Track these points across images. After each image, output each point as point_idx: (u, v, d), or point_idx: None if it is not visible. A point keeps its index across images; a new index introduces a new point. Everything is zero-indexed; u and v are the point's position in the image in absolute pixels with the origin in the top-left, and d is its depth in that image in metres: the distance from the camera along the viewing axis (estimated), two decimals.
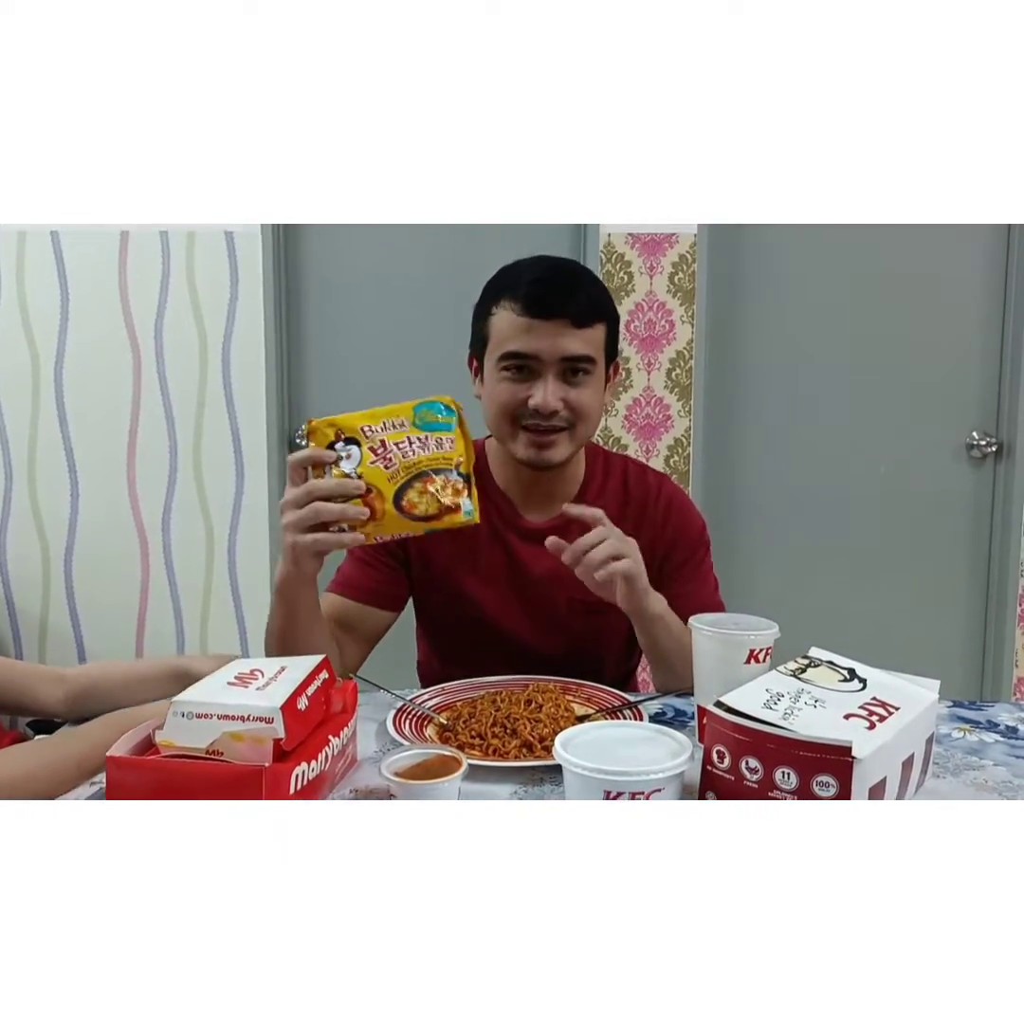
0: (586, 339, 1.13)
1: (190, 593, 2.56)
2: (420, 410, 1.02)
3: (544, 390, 1.12)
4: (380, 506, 1.01)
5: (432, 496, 1.01)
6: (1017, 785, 0.93)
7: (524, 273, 1.14)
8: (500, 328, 1.14)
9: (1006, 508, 2.53)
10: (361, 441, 1.01)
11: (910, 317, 2.52)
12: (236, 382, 2.48)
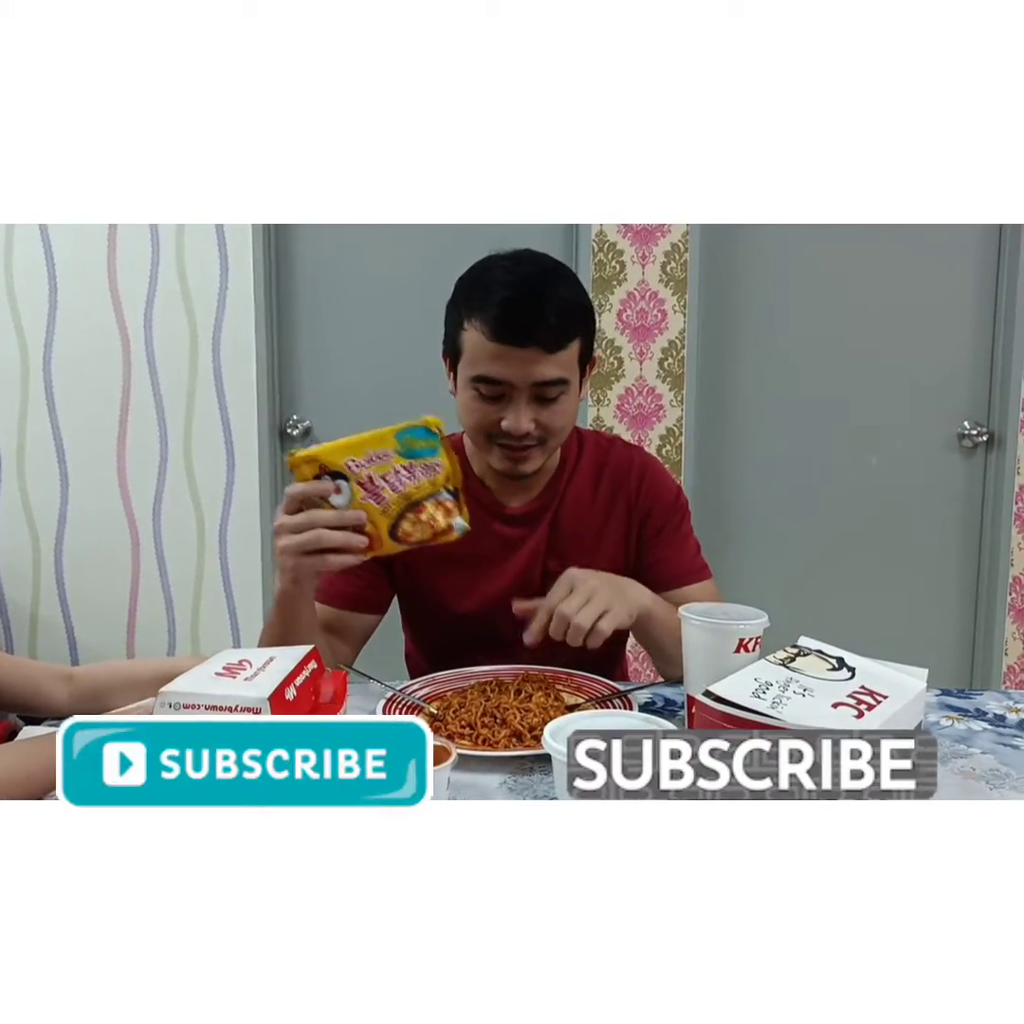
0: (559, 362, 1.10)
1: (181, 584, 2.55)
2: (402, 438, 1.01)
3: (516, 415, 1.11)
4: (377, 539, 1.02)
5: (425, 524, 1.02)
6: (1004, 773, 0.93)
7: (494, 289, 1.09)
8: (471, 348, 1.11)
9: (996, 497, 2.53)
10: (348, 476, 1.00)
11: (902, 308, 2.52)
12: (227, 372, 2.47)
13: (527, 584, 1.27)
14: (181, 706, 0.80)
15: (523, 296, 1.09)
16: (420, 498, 1.02)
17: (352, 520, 1.00)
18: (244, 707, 0.79)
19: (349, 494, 1.00)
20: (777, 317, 2.54)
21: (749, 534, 2.59)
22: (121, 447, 2.50)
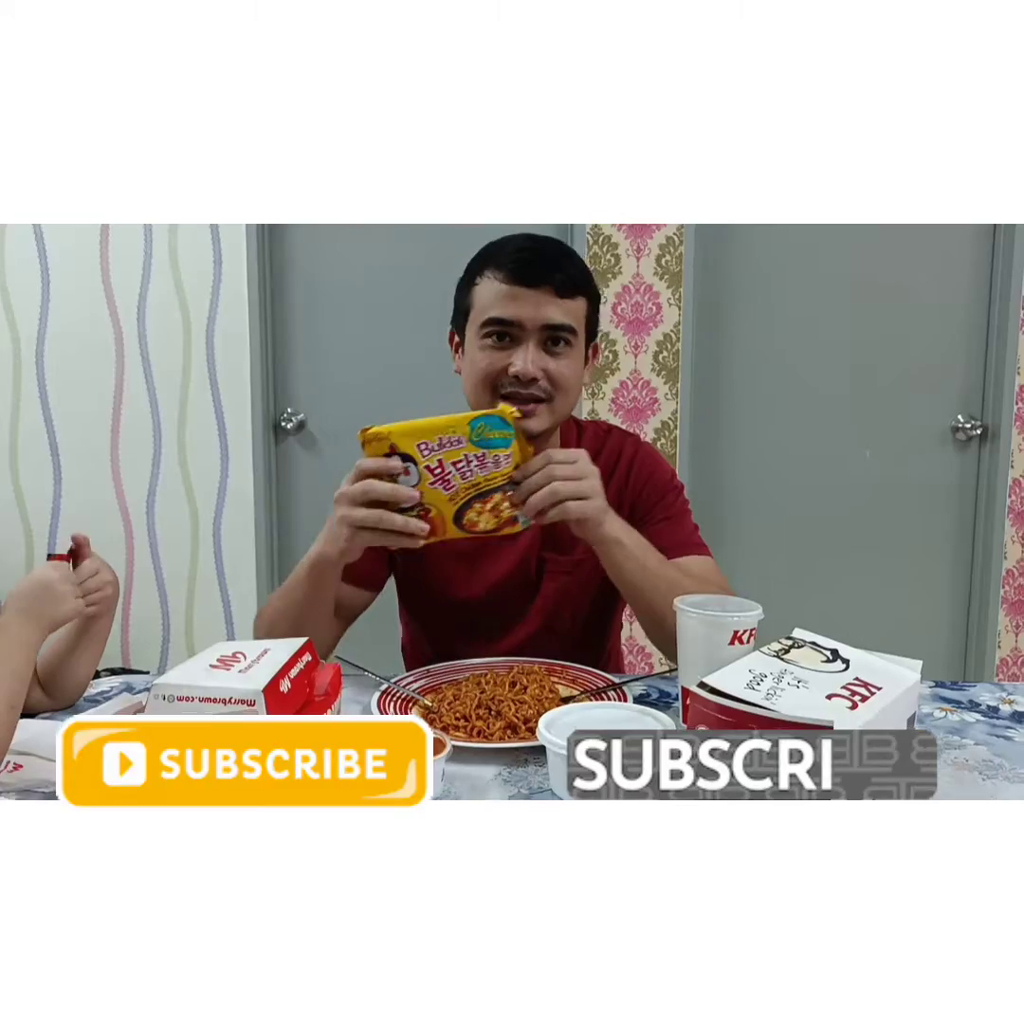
0: (568, 309, 1.14)
1: (175, 577, 2.55)
2: (477, 425, 0.99)
3: (525, 357, 1.12)
4: (441, 525, 1.02)
5: (490, 514, 1.02)
6: (997, 764, 0.94)
7: (509, 244, 1.16)
8: (483, 296, 1.15)
9: (990, 491, 2.54)
10: (417, 460, 0.99)
11: (897, 301, 2.52)
12: (220, 365, 2.46)
13: (523, 572, 1.28)
14: (175, 698, 0.80)
15: (538, 248, 1.16)
16: (488, 488, 1.01)
17: (405, 496, 0.99)
18: (238, 699, 0.79)
19: (417, 477, 0.99)
20: (772, 311, 2.54)
21: (744, 527, 2.59)
22: (114, 440, 2.49)
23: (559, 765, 0.86)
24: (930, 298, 2.52)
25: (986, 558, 2.57)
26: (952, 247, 2.49)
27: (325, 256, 2.48)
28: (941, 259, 2.50)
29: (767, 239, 2.49)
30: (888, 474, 2.57)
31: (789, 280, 2.53)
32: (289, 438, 2.55)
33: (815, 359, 2.55)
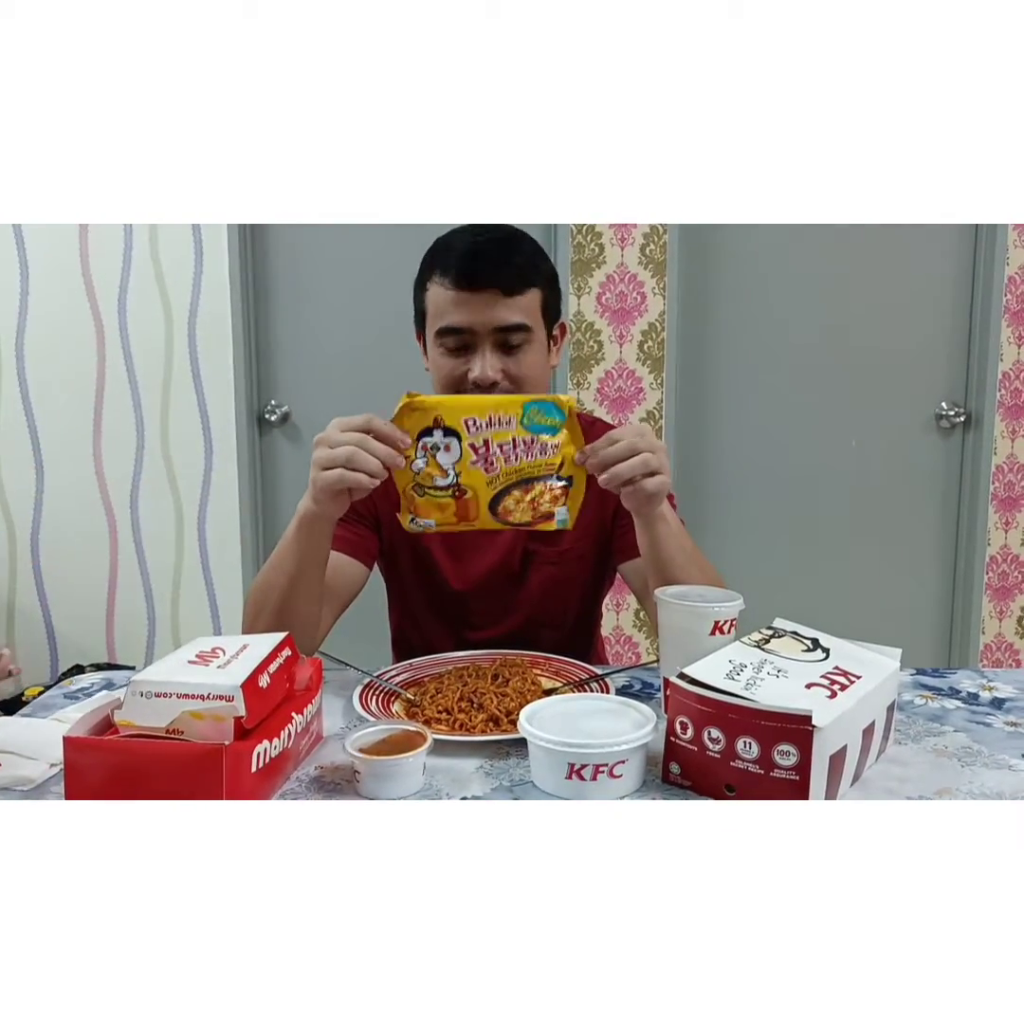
0: (519, 307, 1.13)
1: (160, 571, 2.54)
2: (530, 408, 0.96)
3: (482, 363, 1.12)
4: (474, 510, 0.98)
5: (529, 504, 0.99)
6: (976, 751, 0.94)
7: (454, 246, 1.15)
8: (434, 303, 1.15)
9: (974, 478, 2.55)
10: (462, 435, 0.95)
11: (881, 290, 2.52)
12: (203, 357, 2.44)
13: (508, 564, 1.28)
14: (153, 694, 0.79)
15: (480, 247, 1.14)
16: (531, 476, 0.97)
17: (389, 457, 0.95)
18: (216, 695, 0.79)
19: (459, 454, 0.96)
20: (756, 300, 2.54)
21: (728, 516, 2.60)
22: (97, 435, 2.47)
23: (540, 757, 0.86)
24: (913, 286, 2.53)
25: (970, 545, 2.58)
26: (935, 236, 2.50)
27: (308, 247, 2.46)
28: (924, 248, 2.50)
29: (751, 229, 2.48)
30: (872, 462, 2.58)
31: (773, 269, 2.52)
32: (273, 430, 2.54)
33: (799, 348, 2.55)
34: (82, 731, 0.79)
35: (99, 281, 2.40)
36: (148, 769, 0.76)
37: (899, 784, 0.88)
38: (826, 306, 2.53)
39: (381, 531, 1.29)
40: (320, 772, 0.91)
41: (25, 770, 0.88)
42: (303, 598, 1.12)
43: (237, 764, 0.78)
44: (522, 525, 1.00)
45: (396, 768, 0.84)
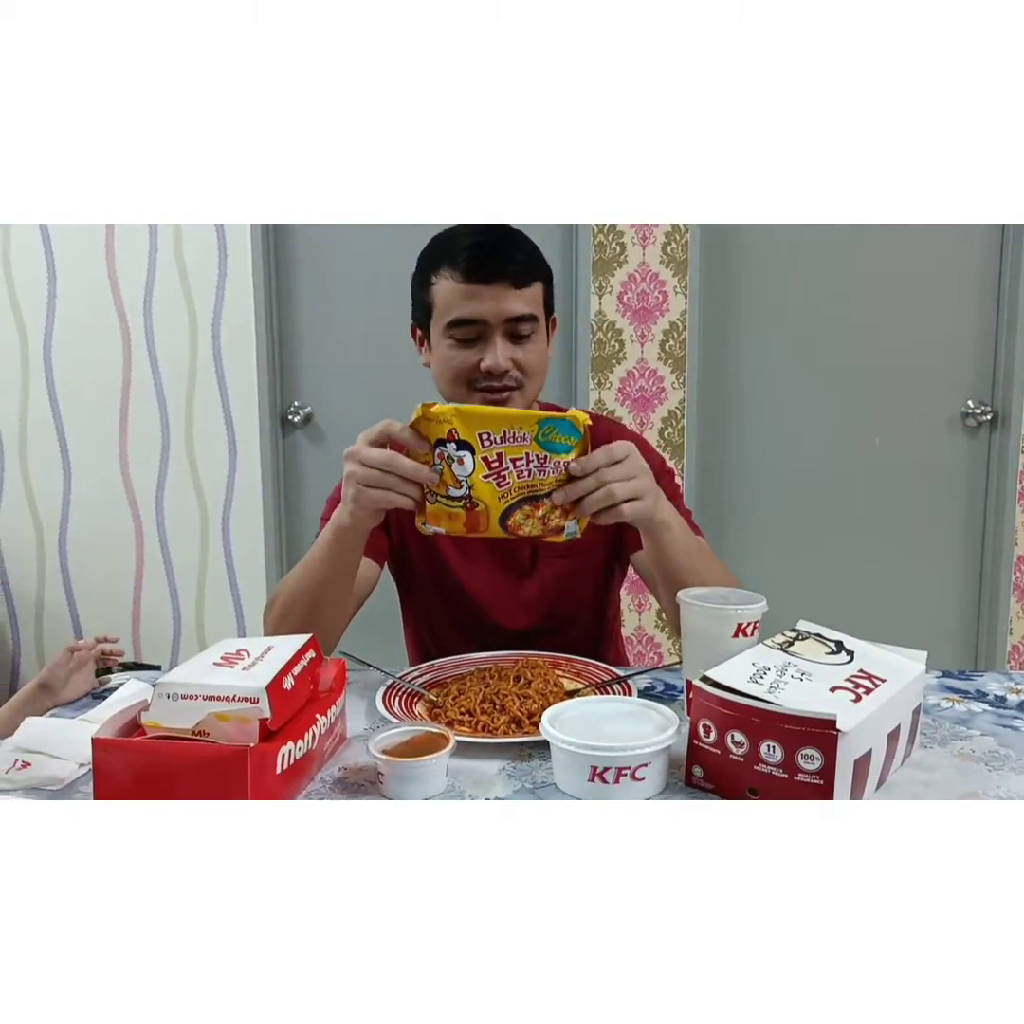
0: (527, 298, 1.17)
1: (185, 570, 2.56)
2: (545, 425, 0.95)
3: (494, 352, 1.15)
4: (484, 522, 0.98)
5: (538, 520, 0.98)
6: (1004, 755, 0.93)
7: (460, 241, 1.18)
8: (443, 296, 1.17)
9: (1000, 477, 2.52)
10: (476, 448, 0.95)
11: (906, 287, 2.49)
12: (227, 358, 2.46)
13: (517, 560, 1.30)
14: (179, 696, 0.80)
15: (488, 241, 1.17)
16: (542, 492, 0.97)
17: (425, 479, 0.97)
18: (242, 697, 0.79)
19: (472, 468, 0.96)
20: (778, 297, 2.52)
21: (752, 516, 2.58)
22: (123, 434, 2.50)
23: (562, 759, 0.86)
24: (938, 282, 2.50)
25: (997, 545, 2.55)
26: (960, 231, 2.47)
27: (331, 248, 2.48)
28: (949, 242, 2.47)
29: (772, 227, 2.46)
30: (898, 461, 2.56)
31: (795, 267, 2.50)
32: (296, 431, 2.55)
33: (823, 346, 2.53)
34: (110, 732, 0.80)
35: (125, 283, 2.43)
36: (174, 770, 0.77)
37: (924, 788, 0.87)
38: (849, 303, 2.51)
39: (390, 531, 1.30)
40: (344, 773, 0.91)
41: (54, 770, 0.89)
42: (332, 605, 1.13)
43: (262, 765, 0.78)
44: (531, 537, 1.00)
45: (420, 770, 0.84)
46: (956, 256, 2.48)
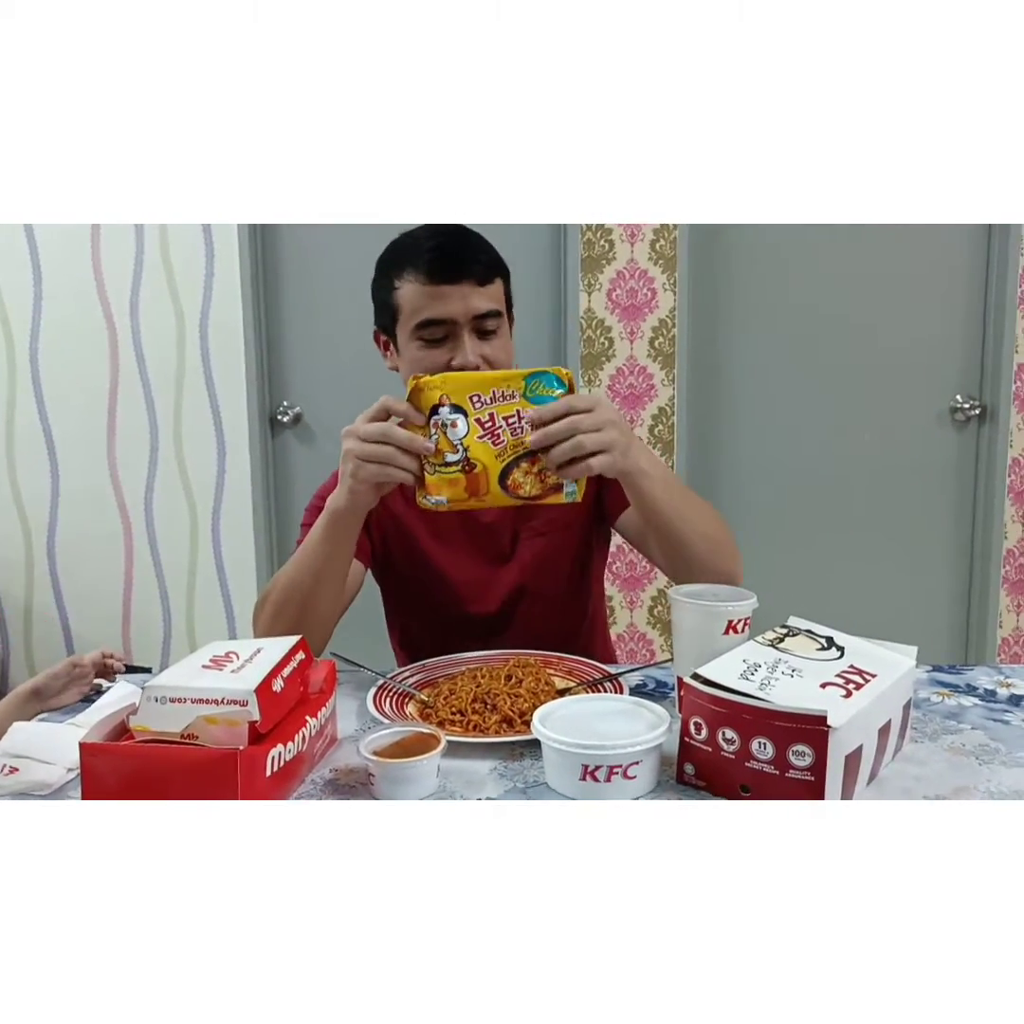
0: (491, 295, 1.19)
1: (175, 572, 2.55)
2: (531, 381, 0.99)
3: (464, 350, 1.16)
4: (484, 484, 1.00)
5: (536, 477, 1.00)
6: (994, 748, 0.93)
7: (421, 244, 1.19)
8: (409, 299, 1.18)
9: (989, 471, 2.53)
10: (468, 412, 0.98)
11: (894, 282, 2.50)
12: (215, 359, 2.45)
13: (498, 547, 1.30)
14: (167, 699, 0.80)
15: (448, 242, 1.19)
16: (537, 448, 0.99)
17: (421, 448, 0.99)
18: (231, 700, 0.79)
19: (466, 429, 0.98)
20: (767, 294, 2.52)
21: (741, 512, 2.58)
22: (111, 436, 2.49)
23: (554, 758, 0.86)
24: (926, 277, 2.50)
25: (986, 538, 2.56)
26: (948, 227, 2.47)
27: (319, 248, 2.47)
28: (937, 238, 2.48)
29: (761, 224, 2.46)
30: (887, 456, 2.56)
31: (784, 263, 2.51)
32: (286, 431, 2.55)
33: (812, 342, 2.53)
34: (98, 736, 0.79)
35: (111, 283, 2.41)
36: (163, 774, 0.76)
37: (915, 783, 0.87)
38: (838, 299, 2.51)
39: (371, 534, 1.29)
40: (335, 775, 0.91)
41: (42, 775, 0.88)
42: (326, 599, 1.13)
43: (251, 768, 0.78)
44: (532, 499, 1.01)
45: (411, 771, 0.84)
46: (943, 250, 2.49)
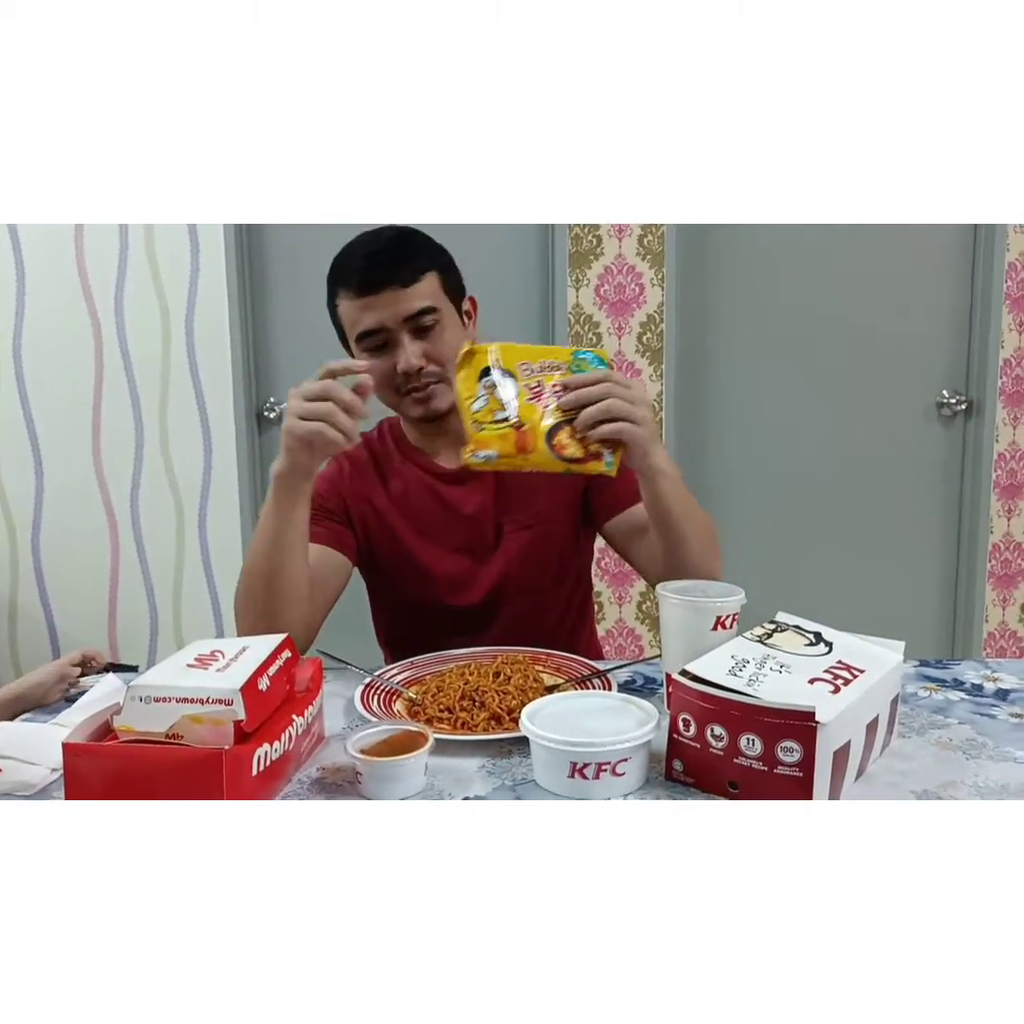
0: (420, 293, 1.20)
1: (161, 568, 2.53)
2: (578, 356, 1.04)
3: (404, 353, 1.20)
4: (532, 441, 1.02)
5: (579, 443, 1.02)
6: (981, 743, 0.94)
7: (350, 262, 1.24)
8: (346, 315, 1.26)
9: (976, 465, 2.54)
10: (517, 377, 1.03)
11: (881, 278, 2.51)
12: (201, 355, 2.44)
13: (482, 540, 1.30)
14: (152, 699, 0.79)
15: (371, 252, 1.23)
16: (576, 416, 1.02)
17: (358, 409, 1.02)
18: (216, 699, 0.78)
19: (516, 391, 1.03)
20: (755, 289, 2.52)
21: (729, 507, 2.59)
22: (96, 432, 2.47)
23: (542, 756, 0.85)
24: (913, 273, 2.51)
25: (972, 533, 2.57)
26: (936, 230, 2.48)
27: (304, 246, 2.45)
28: (923, 235, 2.49)
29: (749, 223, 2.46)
30: (874, 451, 2.57)
31: (772, 259, 2.51)
32: (272, 427, 2.53)
33: (799, 337, 2.54)
34: (81, 737, 0.79)
35: (95, 281, 2.39)
36: (148, 774, 0.76)
37: (903, 778, 0.87)
38: (825, 294, 2.51)
39: (354, 527, 1.30)
40: (322, 773, 0.90)
41: (26, 775, 0.87)
42: (292, 568, 1.12)
43: (237, 768, 0.77)
44: (575, 462, 1.03)
45: (398, 769, 0.84)
46: (930, 246, 2.50)
